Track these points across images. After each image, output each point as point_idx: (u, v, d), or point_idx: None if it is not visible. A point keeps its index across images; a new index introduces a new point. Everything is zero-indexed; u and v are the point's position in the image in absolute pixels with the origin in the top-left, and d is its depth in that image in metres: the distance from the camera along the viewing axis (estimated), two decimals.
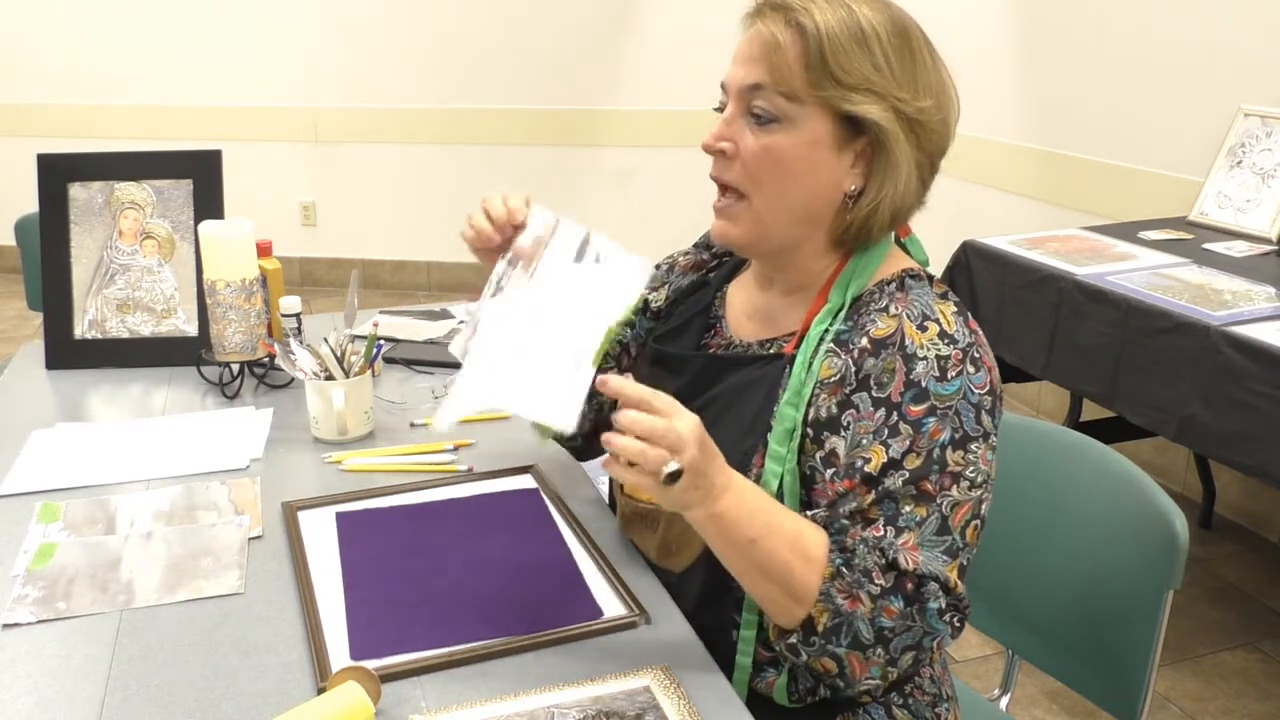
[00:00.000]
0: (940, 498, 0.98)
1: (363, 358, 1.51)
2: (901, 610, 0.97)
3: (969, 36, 3.58)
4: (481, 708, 0.95)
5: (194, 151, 1.81)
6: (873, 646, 0.97)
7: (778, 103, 1.03)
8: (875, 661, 0.98)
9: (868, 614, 0.96)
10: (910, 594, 0.97)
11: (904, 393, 1.00)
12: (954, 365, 1.01)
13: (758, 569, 0.98)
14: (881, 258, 1.10)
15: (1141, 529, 1.24)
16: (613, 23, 4.50)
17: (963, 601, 0.99)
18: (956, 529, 0.99)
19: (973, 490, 1.00)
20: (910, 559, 0.97)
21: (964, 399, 1.00)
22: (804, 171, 1.05)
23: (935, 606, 0.97)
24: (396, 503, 1.32)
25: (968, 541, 1.00)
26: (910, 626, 0.97)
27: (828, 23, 1.01)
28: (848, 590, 0.97)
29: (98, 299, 1.78)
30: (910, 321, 1.03)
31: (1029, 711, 2.18)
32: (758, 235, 1.09)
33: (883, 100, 1.02)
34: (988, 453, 1.01)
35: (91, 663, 1.02)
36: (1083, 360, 2.27)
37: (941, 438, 0.99)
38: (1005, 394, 1.11)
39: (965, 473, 0.99)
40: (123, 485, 1.37)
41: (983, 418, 1.01)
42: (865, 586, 0.97)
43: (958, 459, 0.99)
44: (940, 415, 0.99)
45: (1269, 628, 2.46)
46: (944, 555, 0.98)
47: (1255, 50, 2.69)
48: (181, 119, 4.68)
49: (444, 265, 4.89)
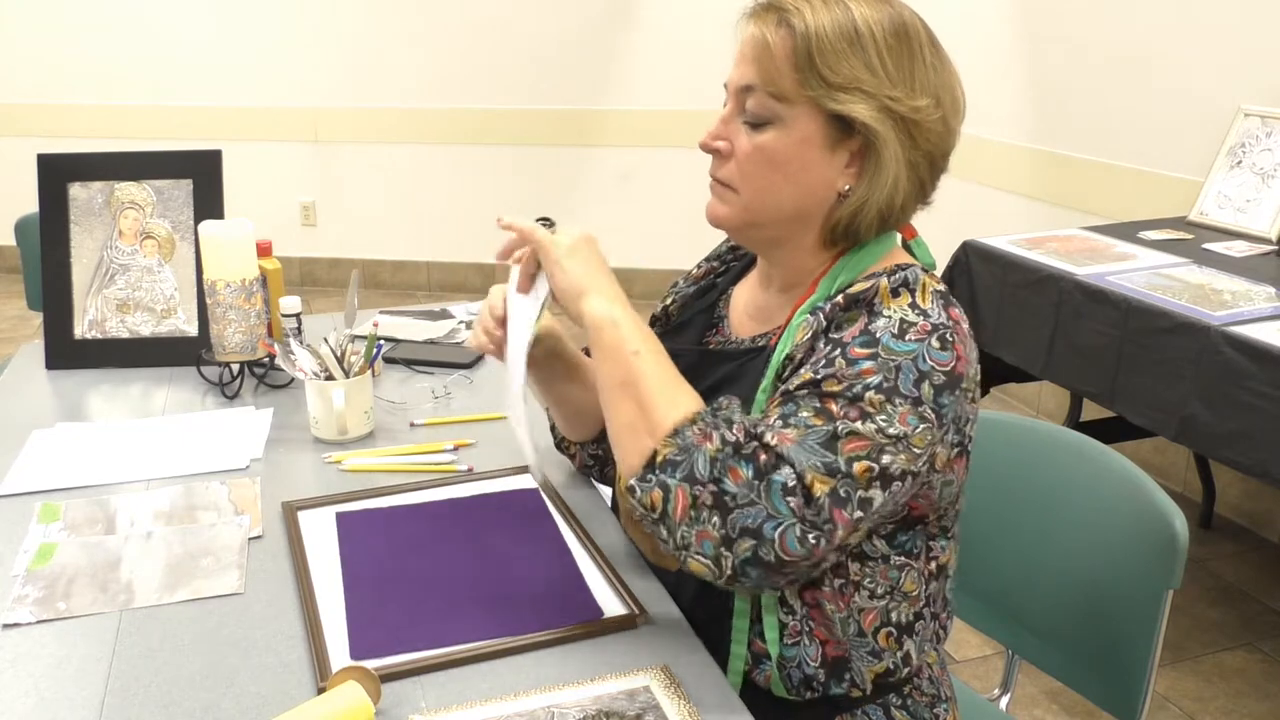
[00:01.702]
0: (840, 422, 0.96)
1: (363, 358, 1.51)
2: (748, 479, 0.95)
3: (969, 36, 3.58)
4: (481, 708, 0.95)
5: (194, 151, 1.81)
6: (708, 495, 0.95)
7: (768, 103, 1.04)
8: (708, 530, 0.95)
9: (712, 452, 0.96)
10: (761, 465, 0.95)
11: (856, 337, 0.99)
12: (916, 332, 0.99)
13: (629, 385, 1.02)
14: (877, 257, 1.09)
15: (1141, 529, 1.24)
16: (612, 22, 4.50)
17: (821, 516, 0.94)
18: (843, 454, 0.95)
19: (878, 435, 0.95)
20: (779, 437, 0.96)
21: (912, 361, 0.98)
22: (795, 170, 1.05)
23: (780, 482, 0.94)
24: (396, 503, 1.32)
25: (853, 474, 0.95)
26: (753, 501, 0.94)
27: (819, 23, 1.01)
28: (702, 431, 0.98)
29: (98, 299, 1.78)
30: (887, 285, 1.02)
31: (1029, 711, 2.18)
32: (745, 221, 1.10)
33: (872, 99, 1.01)
34: (910, 416, 0.96)
35: (91, 663, 1.02)
36: (1082, 360, 2.27)
37: (870, 379, 0.97)
38: (1005, 394, 1.11)
39: (876, 417, 0.96)
40: (123, 485, 1.37)
41: (923, 386, 0.97)
42: (720, 429, 0.98)
43: (875, 401, 0.96)
44: (879, 363, 0.97)
45: (1269, 628, 2.46)
46: (818, 462, 0.95)
47: (1255, 50, 2.69)
48: (181, 119, 4.69)
49: (444, 265, 4.89)
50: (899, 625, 1.08)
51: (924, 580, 1.09)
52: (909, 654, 1.10)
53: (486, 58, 4.57)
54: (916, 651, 1.11)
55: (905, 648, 1.09)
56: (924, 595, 1.10)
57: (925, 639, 1.12)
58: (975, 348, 1.05)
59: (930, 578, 1.11)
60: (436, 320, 2.00)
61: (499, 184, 4.71)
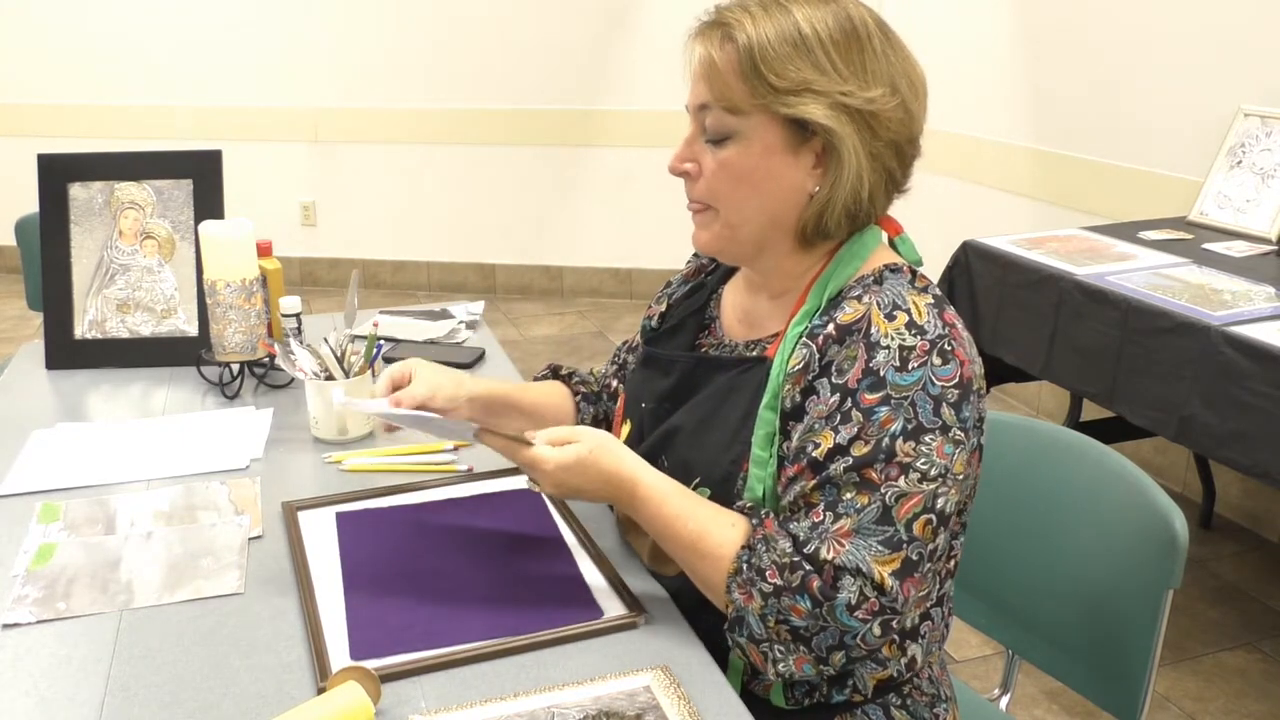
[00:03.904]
0: (885, 487, 0.97)
1: (363, 358, 1.51)
2: (809, 610, 0.96)
3: (969, 36, 3.58)
4: (481, 708, 0.95)
5: (194, 151, 1.81)
6: (775, 643, 0.98)
7: (724, 119, 1.05)
8: (802, 657, 0.98)
9: (758, 610, 0.98)
10: (818, 591, 0.96)
11: (861, 380, 1.00)
12: (917, 356, 0.99)
13: (676, 557, 1.07)
14: (863, 257, 1.09)
15: (1141, 529, 1.24)
16: (613, 23, 4.50)
17: (897, 601, 0.97)
18: (901, 521, 0.97)
19: (924, 483, 0.98)
20: (834, 548, 0.97)
21: (922, 390, 0.99)
22: (763, 180, 1.06)
23: (844, 600, 0.96)
24: (396, 503, 1.32)
25: (915, 535, 0.97)
26: (824, 626, 0.97)
27: (761, 31, 1.02)
28: (743, 586, 1.00)
29: (98, 299, 1.78)
30: (879, 310, 1.02)
31: (1029, 711, 2.18)
32: (728, 240, 1.11)
33: (823, 98, 1.02)
34: (945, 445, 0.98)
35: (91, 663, 1.02)
36: (1082, 360, 2.27)
37: (892, 427, 0.98)
38: (1005, 394, 1.11)
39: (915, 464, 0.98)
40: (123, 485, 1.37)
41: (943, 410, 0.99)
42: (757, 584, 0.99)
43: (908, 449, 0.98)
44: (894, 405, 0.98)
45: (1269, 628, 2.46)
46: (881, 546, 0.96)
47: (1255, 50, 2.69)
48: (181, 119, 4.69)
49: (444, 265, 4.89)
50: (903, 632, 1.08)
51: (938, 580, 1.09)
52: (914, 659, 1.10)
53: (486, 58, 4.56)
54: (922, 655, 1.11)
55: (910, 653, 1.09)
56: (935, 595, 1.10)
57: (932, 641, 1.12)
58: (972, 342, 1.05)
59: (947, 576, 1.11)
60: (436, 320, 2.00)
61: (499, 184, 4.71)
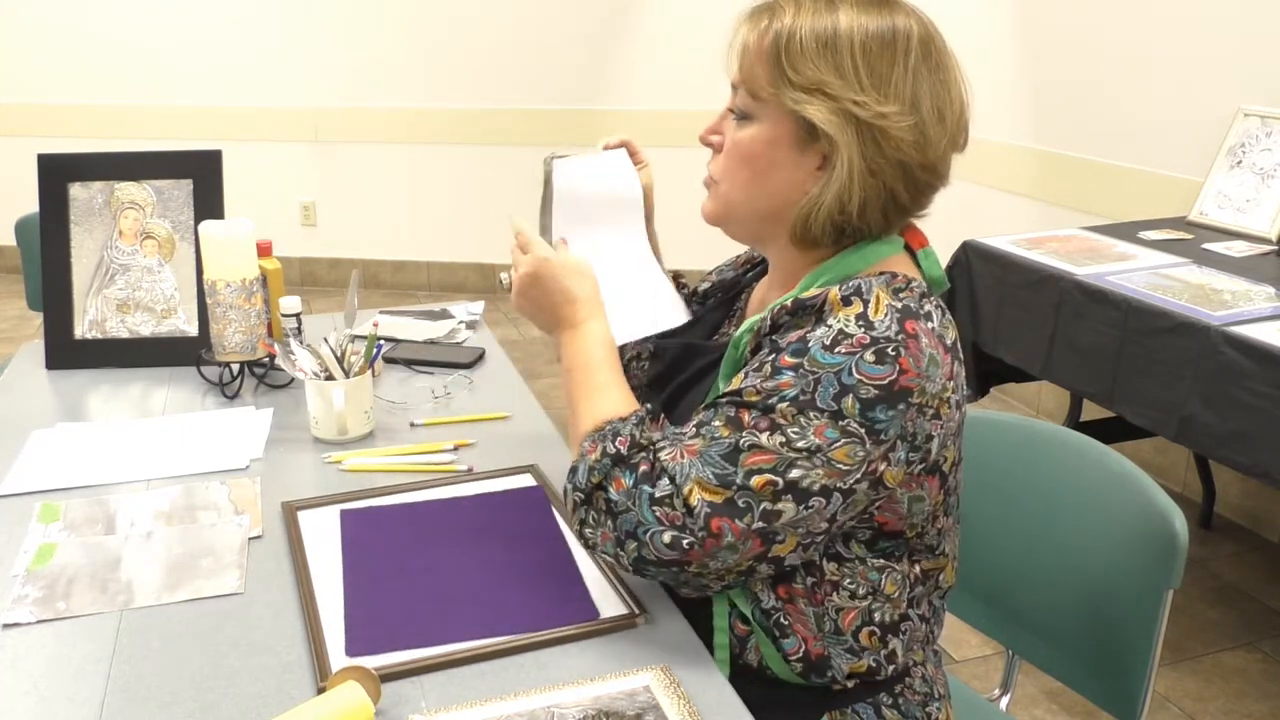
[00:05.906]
0: (747, 433, 0.97)
1: (363, 358, 1.51)
2: (627, 487, 1.01)
3: (969, 37, 3.58)
4: (481, 708, 0.95)
5: (194, 151, 1.81)
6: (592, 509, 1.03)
7: (747, 101, 1.07)
8: (606, 531, 1.02)
9: (593, 462, 1.03)
10: (641, 475, 1.00)
11: (791, 344, 0.99)
12: (849, 345, 0.97)
13: (569, 398, 1.13)
14: (869, 260, 1.07)
15: (1141, 529, 1.24)
16: (613, 22, 4.50)
17: (696, 524, 0.96)
18: (743, 466, 0.96)
19: (786, 449, 0.96)
20: (674, 454, 1.00)
21: (835, 374, 0.96)
22: (763, 168, 1.07)
23: (651, 494, 0.99)
24: (396, 502, 1.32)
25: (750, 486, 0.96)
26: (629, 508, 1.00)
27: (799, 24, 1.02)
28: (597, 441, 1.05)
29: (98, 299, 1.78)
30: (838, 292, 1.01)
31: (1029, 711, 2.18)
32: (722, 215, 1.13)
33: (833, 102, 1.01)
34: (829, 429, 0.95)
35: (91, 663, 1.02)
36: (1082, 360, 2.27)
37: (787, 391, 0.97)
38: (1005, 394, 1.11)
39: (787, 429, 0.96)
40: (123, 485, 1.37)
41: (846, 400, 0.95)
42: (607, 442, 1.04)
43: (787, 413, 0.96)
44: (800, 374, 0.97)
45: (1269, 628, 2.46)
46: (712, 476, 0.97)
47: (1255, 50, 2.70)
48: (181, 119, 4.69)
49: (444, 265, 4.89)
50: (883, 625, 1.07)
51: (907, 584, 1.08)
52: (894, 652, 1.09)
53: (486, 58, 4.57)
54: (903, 650, 1.10)
55: (890, 646, 1.09)
56: (906, 598, 1.09)
57: (914, 639, 1.11)
58: (951, 362, 1.01)
59: (915, 581, 1.09)
60: (436, 320, 2.00)
61: (499, 184, 4.71)
